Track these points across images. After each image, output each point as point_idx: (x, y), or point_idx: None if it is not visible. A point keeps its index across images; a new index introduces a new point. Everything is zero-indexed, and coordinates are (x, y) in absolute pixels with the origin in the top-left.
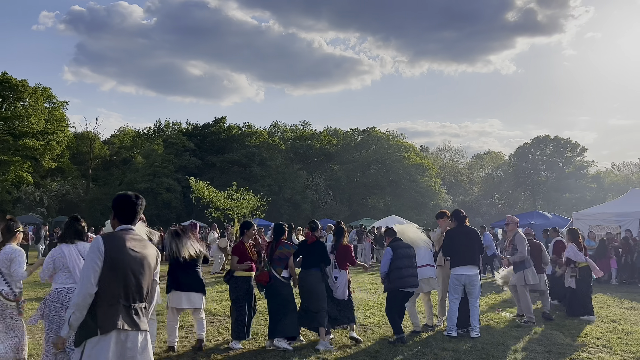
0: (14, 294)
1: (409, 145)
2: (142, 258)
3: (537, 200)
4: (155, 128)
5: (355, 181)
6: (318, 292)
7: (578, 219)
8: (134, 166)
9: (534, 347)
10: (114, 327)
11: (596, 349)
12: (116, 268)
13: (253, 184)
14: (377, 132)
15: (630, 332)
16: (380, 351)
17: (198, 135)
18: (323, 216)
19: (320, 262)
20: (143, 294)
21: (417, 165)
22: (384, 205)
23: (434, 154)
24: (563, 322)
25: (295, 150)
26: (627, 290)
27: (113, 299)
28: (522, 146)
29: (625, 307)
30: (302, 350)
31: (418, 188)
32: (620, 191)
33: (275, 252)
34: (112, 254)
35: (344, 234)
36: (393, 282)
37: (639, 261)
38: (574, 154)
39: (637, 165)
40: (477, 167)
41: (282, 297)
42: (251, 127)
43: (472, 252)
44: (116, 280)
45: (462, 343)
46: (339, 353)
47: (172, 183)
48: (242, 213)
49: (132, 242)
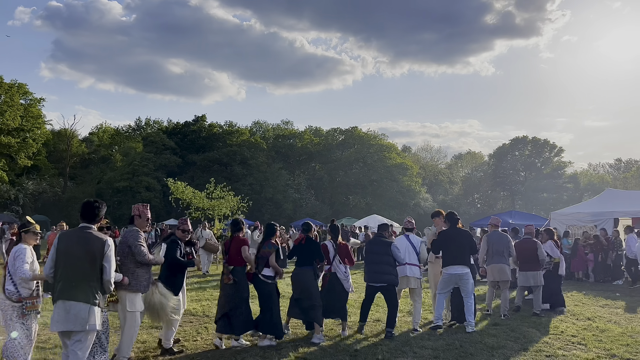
0: (17, 294)
1: (390, 145)
2: (85, 247)
3: (515, 200)
4: (135, 126)
5: (337, 180)
6: (312, 288)
7: (555, 219)
8: (113, 164)
9: (511, 345)
10: (58, 298)
11: (571, 346)
12: (61, 256)
13: (234, 183)
14: (359, 131)
15: (604, 329)
16: (360, 350)
17: (178, 133)
18: (304, 215)
19: (312, 260)
20: (85, 274)
21: (398, 165)
22: (365, 205)
23: (415, 153)
24: (540, 319)
25: (277, 149)
26: (602, 288)
27: (61, 277)
28: (501, 147)
29: (599, 305)
30: (281, 350)
31: (399, 187)
32: (596, 191)
33: (260, 251)
34: (60, 246)
35: (339, 232)
36: (364, 276)
37: (612, 259)
38: (552, 154)
39: (612, 166)
40: (457, 167)
41: (261, 296)
42: (232, 126)
43: (462, 252)
44: (60, 264)
45: (441, 341)
46: (319, 352)
47: (151, 182)
48: (223, 213)
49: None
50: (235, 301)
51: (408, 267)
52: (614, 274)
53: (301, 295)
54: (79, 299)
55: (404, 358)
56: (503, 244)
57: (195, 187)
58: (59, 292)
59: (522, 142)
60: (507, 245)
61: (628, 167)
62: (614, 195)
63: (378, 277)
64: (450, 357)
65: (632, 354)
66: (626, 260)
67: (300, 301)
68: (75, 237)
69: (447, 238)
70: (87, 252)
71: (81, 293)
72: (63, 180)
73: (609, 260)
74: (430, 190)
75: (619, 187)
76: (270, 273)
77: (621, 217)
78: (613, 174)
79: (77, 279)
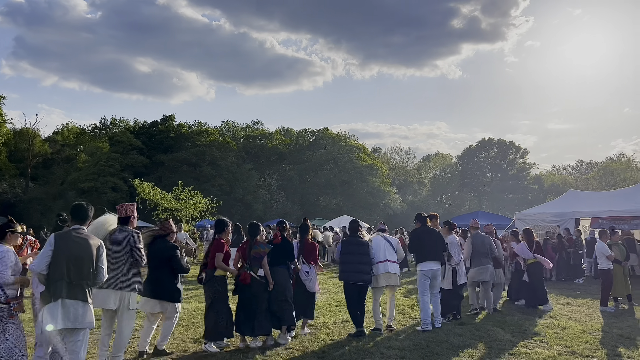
0: (5, 296)
1: (361, 146)
2: (83, 248)
3: (482, 201)
4: (101, 125)
5: (308, 181)
6: (285, 287)
7: (520, 219)
8: (78, 165)
9: (475, 344)
10: (58, 297)
11: (534, 343)
12: (60, 255)
13: (204, 184)
14: (330, 132)
15: (565, 327)
16: (328, 352)
17: (146, 133)
18: (275, 216)
19: (286, 260)
20: (83, 274)
21: (368, 166)
22: (335, 205)
23: (385, 155)
24: (504, 318)
25: (247, 149)
26: (564, 286)
27: (58, 277)
28: (468, 148)
29: (561, 303)
30: (249, 353)
31: (369, 188)
32: (559, 192)
33: (252, 251)
34: (59, 246)
35: (309, 231)
36: (340, 275)
37: (574, 258)
38: (517, 156)
39: (575, 167)
40: (425, 168)
41: (257, 297)
42: (202, 126)
43: (435, 249)
44: (60, 264)
45: (407, 341)
46: (287, 354)
47: (118, 182)
48: (190, 214)
49: (76, 236)
50: (217, 306)
51: (389, 264)
52: (575, 273)
53: (275, 298)
54: (80, 298)
55: (371, 359)
56: (486, 245)
57: (163, 187)
58: (59, 291)
59: (488, 144)
60: (489, 246)
61: (589, 169)
62: (575, 196)
63: (359, 276)
64: (416, 357)
65: (591, 350)
66: None
67: (270, 302)
68: (75, 238)
69: (418, 237)
70: (87, 253)
71: (81, 292)
72: (24, 180)
73: (571, 259)
74: (400, 191)
75: (580, 188)
76: (262, 273)
77: (582, 217)
78: (575, 176)
79: (78, 279)
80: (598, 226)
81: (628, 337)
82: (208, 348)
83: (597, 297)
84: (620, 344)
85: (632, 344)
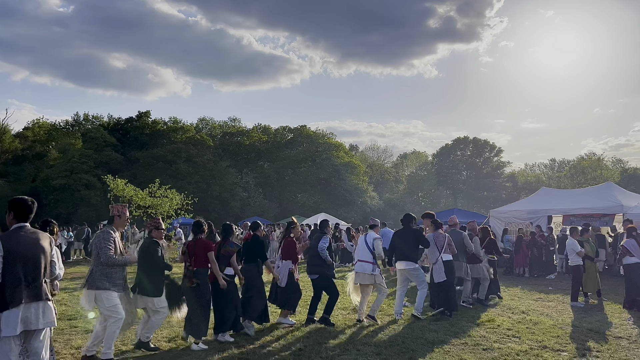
0: None
1: (339, 144)
2: (36, 245)
3: (457, 198)
4: (74, 121)
5: (286, 179)
6: (256, 284)
7: (494, 216)
8: (49, 161)
9: (450, 340)
10: (19, 303)
11: (507, 338)
12: (13, 259)
13: (180, 181)
14: (308, 130)
15: (537, 322)
16: (304, 349)
17: (120, 129)
18: (252, 214)
19: (255, 257)
20: (41, 272)
21: (346, 164)
22: (313, 203)
23: (363, 152)
24: (478, 314)
25: (224, 146)
26: (536, 282)
27: (15, 282)
28: (444, 147)
29: (533, 299)
30: (225, 349)
31: (347, 186)
32: (532, 190)
33: (221, 250)
34: (9, 249)
35: (293, 229)
36: None
37: (546, 255)
38: (491, 154)
39: (547, 165)
40: (402, 166)
41: (225, 294)
42: (177, 122)
43: (408, 249)
44: (15, 268)
45: (383, 338)
46: (263, 351)
47: (91, 179)
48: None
49: (25, 235)
50: (195, 305)
51: (359, 264)
52: (547, 269)
53: (246, 294)
54: (42, 298)
55: (347, 355)
56: (459, 242)
57: (138, 185)
58: (18, 297)
59: (463, 142)
60: (461, 243)
61: (561, 167)
62: (548, 194)
63: (310, 269)
64: (392, 354)
65: (562, 345)
66: None
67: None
68: (25, 237)
69: (398, 237)
70: (41, 251)
71: (42, 292)
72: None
73: (544, 256)
74: (377, 188)
75: (552, 186)
76: (232, 272)
77: (554, 214)
78: (548, 174)
79: (37, 278)
80: (569, 223)
81: (597, 331)
82: (221, 339)
83: (568, 293)
84: (590, 338)
85: (601, 338)
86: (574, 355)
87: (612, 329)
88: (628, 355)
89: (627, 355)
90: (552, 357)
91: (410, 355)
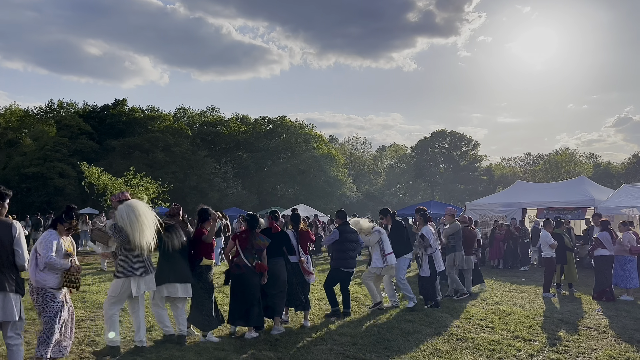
0: None
1: (318, 136)
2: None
3: (435, 191)
4: (47, 108)
5: (265, 170)
6: (283, 279)
7: (470, 209)
8: (22, 149)
9: (425, 330)
10: None
11: (480, 329)
12: None
13: (157, 171)
14: (288, 121)
15: (510, 312)
16: (281, 340)
17: (96, 117)
18: (231, 205)
19: (283, 251)
20: (4, 261)
21: (325, 155)
22: (293, 194)
23: (342, 144)
24: (453, 305)
25: (202, 136)
26: (510, 274)
27: None
28: (422, 139)
29: (507, 290)
30: (200, 342)
31: (326, 177)
32: (508, 183)
33: (254, 242)
34: None
35: (300, 220)
36: (336, 262)
37: (520, 247)
38: (469, 148)
39: (523, 159)
40: (381, 159)
41: (252, 287)
42: (155, 111)
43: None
44: None
45: (359, 328)
46: (239, 343)
47: (65, 168)
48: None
49: None
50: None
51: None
52: (521, 261)
53: (271, 290)
54: (5, 289)
55: (323, 345)
56: (457, 233)
57: (113, 174)
58: None
59: (441, 136)
60: (460, 233)
61: (536, 161)
62: (523, 187)
63: (354, 263)
64: (367, 343)
65: (534, 335)
66: None
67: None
68: None
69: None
70: (6, 237)
71: (5, 282)
72: None
73: (518, 248)
74: (356, 180)
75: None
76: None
77: (529, 207)
78: (523, 167)
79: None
80: (543, 216)
81: (568, 321)
82: (210, 339)
83: (540, 284)
84: (561, 328)
85: (571, 328)
86: (545, 344)
87: (582, 320)
88: (597, 345)
89: (596, 345)
90: (523, 346)
91: (386, 345)
